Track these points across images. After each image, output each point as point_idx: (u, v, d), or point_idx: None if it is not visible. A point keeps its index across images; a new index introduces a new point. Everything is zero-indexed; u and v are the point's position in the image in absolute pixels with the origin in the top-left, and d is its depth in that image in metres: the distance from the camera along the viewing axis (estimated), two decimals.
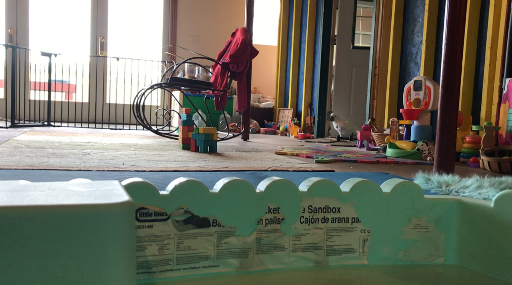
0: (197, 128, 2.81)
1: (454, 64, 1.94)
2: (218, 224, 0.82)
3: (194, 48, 6.31)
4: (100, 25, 6.38)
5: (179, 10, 6.69)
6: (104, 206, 0.53)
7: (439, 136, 1.96)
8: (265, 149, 3.25)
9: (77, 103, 5.74)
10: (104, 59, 6.22)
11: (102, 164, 1.97)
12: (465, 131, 2.96)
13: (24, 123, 4.88)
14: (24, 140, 2.98)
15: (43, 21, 6.21)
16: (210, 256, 0.81)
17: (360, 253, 0.89)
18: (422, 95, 3.21)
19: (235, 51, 3.79)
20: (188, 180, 0.79)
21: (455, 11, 1.92)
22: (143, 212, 0.77)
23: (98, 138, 3.53)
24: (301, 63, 5.78)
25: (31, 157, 2.10)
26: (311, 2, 5.49)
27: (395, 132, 3.44)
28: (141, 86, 5.12)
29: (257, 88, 6.90)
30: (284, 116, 6.06)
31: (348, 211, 0.88)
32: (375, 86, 4.18)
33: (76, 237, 0.51)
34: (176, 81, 3.85)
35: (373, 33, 4.21)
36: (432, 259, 0.90)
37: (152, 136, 4.01)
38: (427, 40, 3.55)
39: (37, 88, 5.38)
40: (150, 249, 0.77)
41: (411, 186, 0.90)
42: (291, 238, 0.86)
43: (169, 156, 2.44)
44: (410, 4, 3.89)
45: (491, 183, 1.48)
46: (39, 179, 1.51)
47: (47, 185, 0.62)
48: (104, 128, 4.99)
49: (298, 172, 2.05)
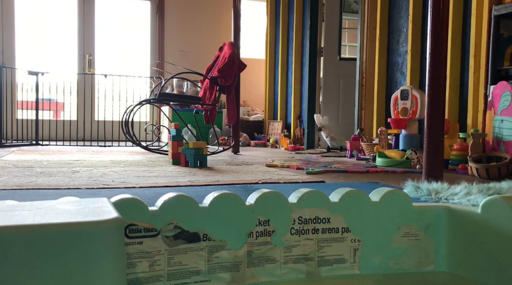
0: (186, 142, 2.81)
1: (439, 73, 1.97)
2: (208, 238, 0.82)
3: (182, 63, 6.33)
4: (87, 43, 6.38)
5: (167, 26, 6.72)
6: (92, 223, 0.53)
7: (427, 144, 1.98)
8: (255, 162, 3.26)
9: (65, 121, 5.71)
10: (92, 76, 6.21)
11: (92, 181, 1.96)
12: (453, 138, 2.99)
13: (11, 142, 4.83)
14: (11, 160, 2.95)
15: (30, 40, 6.20)
16: (201, 271, 0.81)
17: (351, 263, 0.89)
18: (409, 104, 3.24)
19: (223, 65, 3.81)
20: (177, 195, 0.79)
21: (438, 21, 1.95)
22: (132, 228, 0.76)
23: (87, 155, 3.51)
24: (289, 75, 5.82)
25: (19, 176, 2.08)
26: (297, 15, 5.55)
27: (384, 142, 3.47)
28: (130, 103, 5.11)
29: (246, 101, 6.92)
30: (274, 128, 6.07)
31: (338, 221, 0.89)
32: (362, 96, 4.22)
33: (65, 255, 0.51)
34: (165, 96, 3.85)
35: (359, 44, 4.27)
36: (423, 267, 0.91)
37: (141, 152, 3.99)
38: (412, 50, 3.60)
39: (25, 107, 5.35)
40: (141, 265, 0.77)
41: (399, 195, 0.91)
42: (282, 250, 0.86)
43: (159, 171, 2.43)
44: (394, 15, 3.95)
45: (480, 189, 1.50)
46: (28, 198, 1.49)
47: (34, 204, 0.62)
48: (93, 146, 4.96)
49: (289, 184, 2.05)
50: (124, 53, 6.59)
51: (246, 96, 6.86)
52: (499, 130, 2.64)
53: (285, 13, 5.92)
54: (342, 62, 5.37)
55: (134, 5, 6.63)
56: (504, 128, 2.60)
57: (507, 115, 2.58)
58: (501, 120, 2.64)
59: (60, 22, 6.30)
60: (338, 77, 5.38)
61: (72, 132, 5.53)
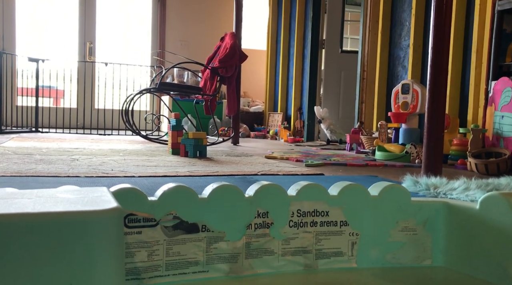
0: (186, 133, 2.81)
1: (441, 68, 1.96)
2: (207, 229, 0.82)
3: (183, 53, 6.30)
4: (88, 31, 6.35)
5: (168, 15, 6.68)
6: (92, 213, 0.53)
7: (427, 139, 1.98)
8: (255, 153, 3.26)
9: (65, 108, 5.70)
10: (92, 64, 6.18)
11: (91, 170, 1.96)
12: (453, 133, 2.99)
13: (11, 129, 4.83)
14: (11, 147, 2.95)
15: (30, 27, 6.16)
16: (200, 262, 0.81)
17: (349, 256, 0.89)
18: (410, 98, 3.24)
19: (224, 55, 3.79)
20: (176, 186, 0.79)
21: (441, 15, 1.94)
22: (131, 218, 0.77)
23: (87, 144, 3.51)
24: (290, 67, 5.80)
25: (18, 163, 2.08)
26: (299, 6, 5.52)
27: (384, 135, 3.47)
28: (130, 91, 5.09)
29: (246, 92, 6.91)
30: (274, 120, 6.07)
31: (337, 214, 0.89)
32: (363, 89, 4.21)
33: (64, 245, 0.51)
34: (165, 86, 3.84)
35: (361, 37, 4.25)
36: (420, 261, 0.91)
37: (141, 141, 3.99)
38: (414, 44, 3.58)
39: (25, 94, 5.33)
40: (139, 255, 0.77)
41: (398, 189, 0.91)
42: (280, 242, 0.86)
43: (159, 161, 2.43)
44: (397, 9, 3.93)
45: (478, 185, 1.50)
46: (27, 186, 1.50)
47: (34, 193, 0.62)
48: (92, 134, 4.96)
49: (288, 176, 2.06)
50: (125, 42, 6.55)
51: (246, 87, 6.85)
52: (499, 126, 2.64)
53: (287, 4, 5.88)
54: (343, 54, 5.35)
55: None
56: (504, 124, 2.60)
57: (508, 111, 2.58)
58: (501, 116, 2.63)
59: (61, 9, 6.26)
60: (340, 69, 5.37)
61: (72, 119, 5.52)
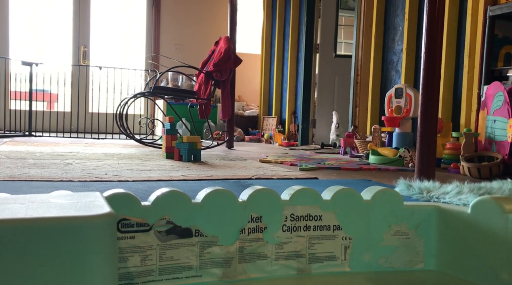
0: (181, 136, 2.81)
1: (434, 72, 1.98)
2: (200, 234, 0.82)
3: (178, 57, 6.30)
4: (83, 34, 6.34)
5: (162, 19, 6.68)
6: (85, 218, 0.53)
7: (420, 143, 1.99)
8: (249, 157, 3.26)
9: (59, 112, 5.68)
10: (87, 68, 6.17)
11: (85, 174, 1.96)
12: (446, 137, 3.01)
13: (4, 133, 4.80)
14: (4, 151, 2.93)
15: (24, 30, 6.14)
16: (193, 266, 0.81)
17: (342, 261, 0.90)
18: (403, 103, 3.26)
19: (219, 59, 3.80)
20: (170, 191, 0.80)
21: (433, 20, 1.96)
22: (125, 223, 0.77)
23: (81, 148, 3.50)
24: (285, 71, 5.82)
25: (11, 168, 2.07)
26: (293, 11, 5.54)
27: (378, 139, 3.48)
28: (124, 95, 5.09)
29: (241, 96, 6.92)
30: (269, 124, 6.08)
31: (330, 218, 0.89)
32: (357, 94, 4.23)
33: (57, 250, 0.51)
34: (160, 89, 3.84)
35: (355, 41, 4.27)
36: (413, 265, 0.92)
37: (135, 145, 3.98)
38: (407, 49, 3.61)
39: (18, 97, 5.31)
40: (133, 260, 0.77)
41: (391, 194, 0.91)
42: (273, 246, 0.86)
43: (153, 165, 2.43)
44: (390, 13, 3.96)
45: (471, 188, 1.51)
46: (20, 190, 1.49)
47: (27, 198, 0.62)
48: (86, 138, 4.94)
49: (282, 180, 2.06)
50: (119, 46, 6.55)
51: (241, 91, 6.86)
52: (492, 130, 2.66)
53: (281, 8, 5.90)
54: (337, 59, 5.37)
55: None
56: (496, 128, 2.62)
57: (500, 115, 2.60)
58: (493, 120, 2.65)
59: (55, 13, 6.25)
60: (334, 74, 5.39)
61: (66, 123, 5.50)
